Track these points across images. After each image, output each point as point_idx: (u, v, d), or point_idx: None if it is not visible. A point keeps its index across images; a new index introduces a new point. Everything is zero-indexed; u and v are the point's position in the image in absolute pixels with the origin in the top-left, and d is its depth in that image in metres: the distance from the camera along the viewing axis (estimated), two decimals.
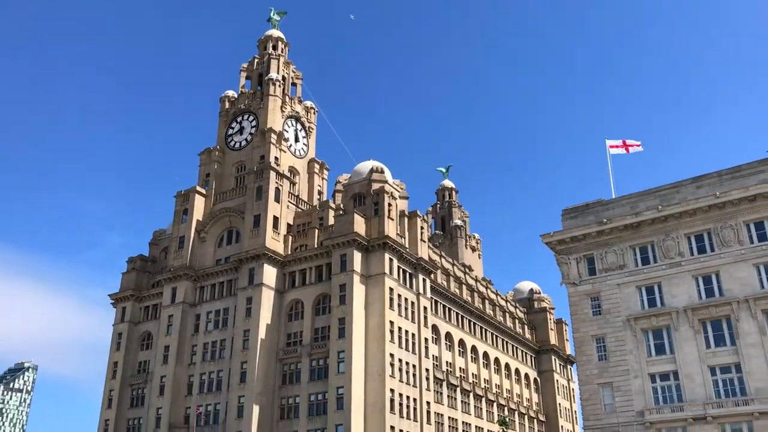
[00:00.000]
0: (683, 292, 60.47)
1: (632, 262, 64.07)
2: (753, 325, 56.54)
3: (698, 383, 57.47)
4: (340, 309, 79.22)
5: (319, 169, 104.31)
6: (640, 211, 64.39)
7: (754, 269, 58.37)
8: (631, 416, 58.99)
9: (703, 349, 58.34)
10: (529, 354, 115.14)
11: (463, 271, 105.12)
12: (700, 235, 61.72)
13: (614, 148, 67.36)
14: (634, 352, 60.93)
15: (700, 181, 63.53)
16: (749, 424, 54.47)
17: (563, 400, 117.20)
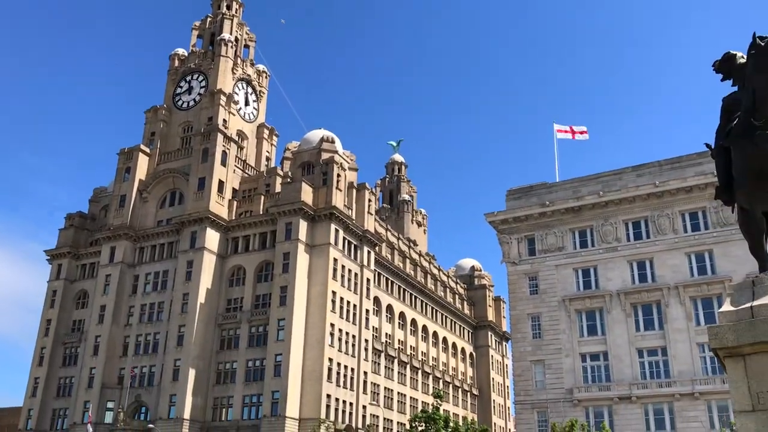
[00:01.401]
0: (617, 276, 62.41)
1: (571, 244, 65.67)
2: (681, 311, 58.86)
3: (626, 364, 59.67)
4: (283, 277, 78.96)
5: (269, 135, 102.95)
6: (582, 195, 65.90)
7: (686, 257, 60.60)
8: (560, 393, 60.93)
9: (632, 332, 60.51)
10: (467, 329, 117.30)
11: (408, 246, 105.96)
12: (637, 222, 63.63)
13: (561, 132, 68.52)
14: (567, 331, 62.75)
15: (641, 169, 65.32)
16: (670, 405, 56.95)
17: (497, 375, 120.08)
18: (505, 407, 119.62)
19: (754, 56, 9.75)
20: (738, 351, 8.91)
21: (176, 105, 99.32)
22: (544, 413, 59.92)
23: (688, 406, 55.92)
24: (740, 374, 8.89)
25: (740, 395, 8.84)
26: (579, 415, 57.33)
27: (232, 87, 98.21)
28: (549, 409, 59.88)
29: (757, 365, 8.74)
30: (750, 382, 8.76)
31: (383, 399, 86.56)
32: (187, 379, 77.04)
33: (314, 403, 73.90)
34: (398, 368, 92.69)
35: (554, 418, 55.84)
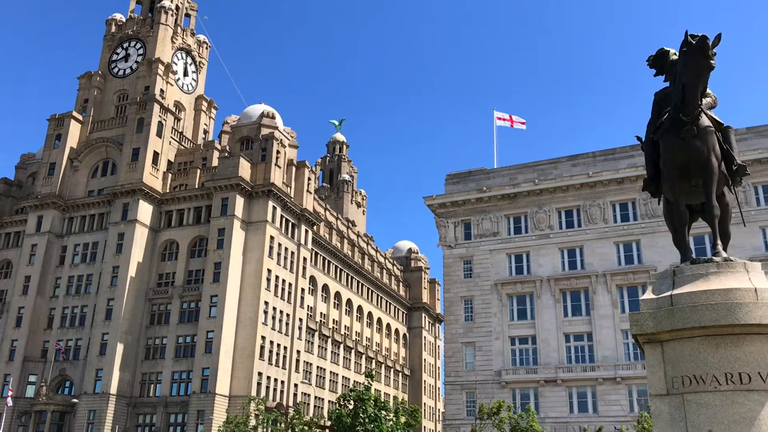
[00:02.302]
0: (549, 263, 64.02)
1: (506, 230, 66.95)
2: (607, 298, 60.88)
3: (553, 348, 61.45)
4: (217, 253, 77.80)
5: (207, 108, 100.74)
6: (518, 183, 67.16)
7: (614, 247, 62.62)
8: (489, 375, 62.34)
9: (561, 317, 62.31)
10: (402, 310, 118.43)
11: (346, 226, 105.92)
12: (570, 211, 65.30)
13: (501, 120, 69.47)
14: (498, 315, 64.11)
15: (576, 159, 66.97)
16: (593, 389, 59.02)
17: (429, 356, 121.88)
18: (435, 388, 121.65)
19: (685, 54, 10.06)
20: (656, 337, 9.27)
21: (112, 72, 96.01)
22: (472, 394, 61.22)
23: (610, 389, 58.08)
24: (657, 360, 9.26)
25: (656, 380, 9.20)
26: (506, 397, 58.81)
27: (171, 56, 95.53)
28: (477, 390, 61.20)
29: (673, 351, 9.11)
30: (666, 367, 9.13)
31: (315, 378, 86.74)
32: (115, 354, 75.36)
33: (245, 380, 73.45)
34: (332, 347, 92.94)
35: (482, 399, 57.08)
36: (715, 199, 10.37)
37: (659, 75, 11.49)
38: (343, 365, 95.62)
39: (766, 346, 8.70)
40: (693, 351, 8.91)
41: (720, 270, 9.48)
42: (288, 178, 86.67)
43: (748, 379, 8.56)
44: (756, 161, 58.05)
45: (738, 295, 8.93)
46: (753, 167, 57.83)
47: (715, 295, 9.00)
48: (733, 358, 8.69)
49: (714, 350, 8.79)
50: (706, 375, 8.71)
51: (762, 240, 57.79)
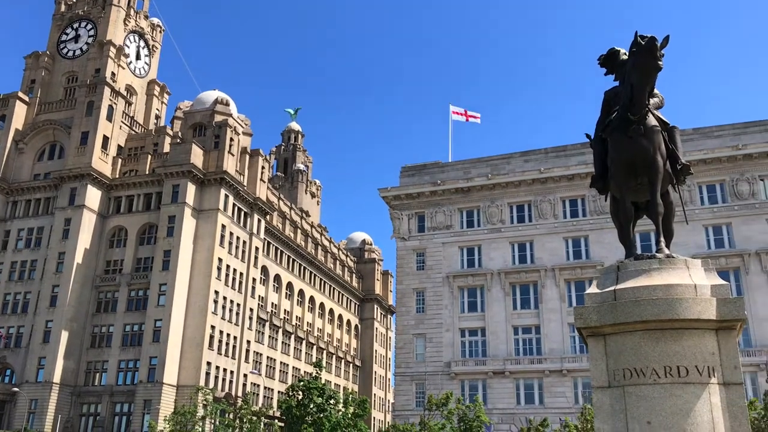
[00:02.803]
0: (500, 257, 64.90)
1: (458, 223, 67.58)
2: (555, 292, 62.05)
3: (502, 341, 62.39)
4: (167, 241, 76.51)
5: (160, 92, 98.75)
6: (471, 177, 67.82)
7: (563, 242, 63.83)
8: (439, 366, 62.96)
9: (510, 310, 63.27)
10: (354, 302, 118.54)
11: (300, 216, 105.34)
12: (521, 206, 66.27)
13: (456, 114, 69.96)
14: (449, 307, 64.76)
15: (529, 155, 67.95)
16: (540, 381, 60.16)
17: (380, 347, 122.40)
18: (385, 379, 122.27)
19: (634, 54, 10.26)
20: (600, 331, 9.48)
21: (61, 53, 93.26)
22: (422, 385, 61.76)
23: (556, 382, 59.29)
24: (600, 352, 9.47)
25: (599, 372, 9.42)
26: (455, 388, 59.49)
27: (123, 39, 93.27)
28: (427, 381, 61.75)
29: (615, 344, 9.33)
30: (608, 360, 9.35)
31: (265, 368, 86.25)
32: (59, 342, 73.56)
33: (193, 370, 72.57)
34: (282, 338, 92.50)
35: (432, 391, 57.60)
36: (660, 198, 10.61)
37: (609, 74, 11.68)
38: (294, 356, 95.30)
39: (703, 341, 8.98)
40: (634, 344, 9.13)
41: (662, 266, 9.73)
42: (241, 167, 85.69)
43: (686, 373, 8.82)
44: (701, 161, 59.77)
45: (678, 290, 9.18)
46: (698, 167, 59.59)
47: (656, 290, 9.23)
48: (672, 351, 8.95)
49: (654, 344, 9.03)
50: (646, 368, 8.95)
51: (705, 238, 59.60)
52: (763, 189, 59.75)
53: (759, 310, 56.28)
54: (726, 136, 61.62)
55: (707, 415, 8.63)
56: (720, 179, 60.61)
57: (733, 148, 60.10)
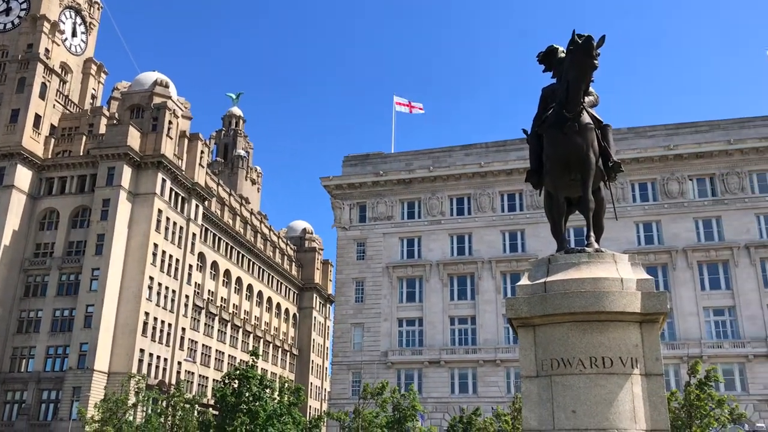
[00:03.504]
0: (438, 248, 65.69)
1: (399, 214, 68.06)
2: (491, 284, 63.22)
3: (438, 331, 63.25)
4: (101, 224, 74.34)
5: (96, 71, 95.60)
6: (413, 168, 68.34)
7: (501, 235, 65.05)
8: (376, 356, 63.42)
9: (447, 300, 64.19)
10: (293, 290, 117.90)
11: (239, 203, 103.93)
12: (461, 198, 67.19)
13: (400, 105, 70.23)
14: (388, 297, 65.24)
15: (470, 149, 68.88)
16: (474, 370, 61.31)
17: (318, 337, 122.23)
18: (323, 368, 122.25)
19: (571, 52, 10.49)
20: (530, 322, 9.74)
21: None
22: (358, 374, 62.08)
23: (490, 371, 60.52)
24: (529, 343, 9.74)
25: (527, 362, 9.68)
26: (392, 377, 60.04)
27: (59, 14, 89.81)
28: (364, 370, 62.12)
29: (544, 335, 9.60)
30: (537, 350, 9.62)
31: (200, 356, 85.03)
32: None
33: (126, 357, 70.94)
34: (218, 326, 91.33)
35: (368, 380, 57.96)
36: (591, 194, 10.91)
37: (548, 71, 11.91)
38: (230, 344, 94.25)
39: (627, 333, 9.32)
40: (562, 335, 9.41)
41: (591, 260, 10.04)
42: (180, 151, 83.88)
43: (610, 363, 9.15)
44: (634, 160, 61.73)
45: (606, 284, 9.49)
46: (632, 165, 61.52)
47: (585, 283, 9.52)
48: (598, 343, 9.26)
49: (581, 335, 9.32)
50: (573, 358, 9.23)
51: (636, 234, 61.66)
52: (692, 188, 62.15)
53: (684, 305, 58.65)
54: (659, 136, 63.80)
55: (629, 404, 8.98)
56: (652, 178, 62.73)
57: (664, 148, 62.30)
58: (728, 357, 56.50)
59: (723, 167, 61.14)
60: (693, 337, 57.45)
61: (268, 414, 37.15)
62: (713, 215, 60.74)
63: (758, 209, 59.92)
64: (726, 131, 62.36)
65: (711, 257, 59.66)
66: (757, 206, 59.98)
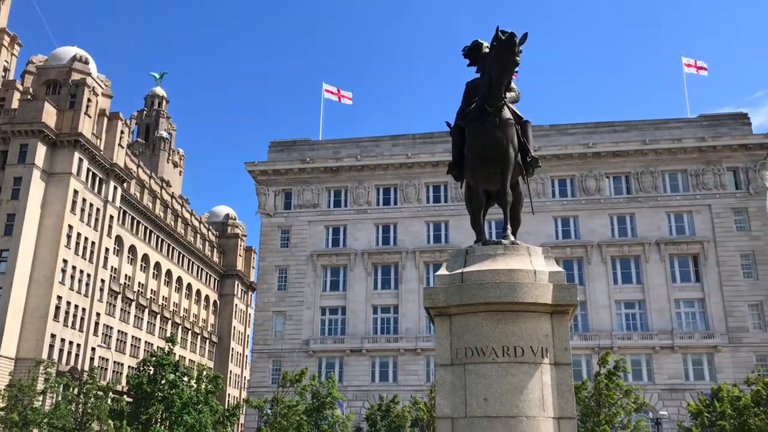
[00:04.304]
0: (364, 237, 65.91)
1: (325, 202, 67.87)
2: (415, 274, 63.97)
3: (361, 319, 63.57)
4: (11, 204, 70.87)
5: (10, 43, 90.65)
6: (341, 157, 68.22)
7: (425, 225, 65.84)
8: (297, 344, 63.20)
9: (371, 289, 64.55)
10: (214, 277, 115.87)
11: (160, 186, 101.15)
12: (387, 189, 67.59)
13: (329, 93, 69.87)
14: (311, 285, 65.05)
15: (397, 140, 69.31)
16: (395, 359, 61.98)
17: (239, 324, 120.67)
18: (243, 356, 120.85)
19: (494, 48, 10.65)
20: (446, 311, 9.90)
21: None
22: (279, 362, 61.70)
23: (411, 360, 61.33)
24: (445, 331, 9.90)
25: (443, 350, 9.85)
26: (313, 365, 59.96)
27: None
28: (284, 358, 61.80)
29: (460, 324, 9.78)
30: (452, 339, 9.79)
31: (116, 342, 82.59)
32: None
33: (35, 342, 68.06)
34: (135, 311, 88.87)
35: (288, 368, 57.71)
36: (510, 187, 11.14)
37: (472, 66, 12.07)
38: (147, 330, 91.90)
39: (539, 323, 9.61)
40: (477, 325, 9.61)
41: (507, 252, 10.28)
42: (98, 130, 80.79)
43: (522, 353, 9.41)
44: (555, 156, 63.60)
45: (520, 275, 9.74)
46: (552, 162, 63.37)
47: (500, 274, 9.75)
48: (511, 332, 9.50)
49: (495, 325, 9.55)
50: (486, 347, 9.45)
51: (554, 228, 63.59)
52: (608, 186, 64.56)
53: (597, 297, 61.00)
54: (579, 134, 65.91)
55: (538, 393, 9.27)
56: (571, 174, 64.78)
57: (584, 146, 64.43)
58: (637, 348, 59.14)
59: (638, 166, 63.72)
60: (605, 329, 59.82)
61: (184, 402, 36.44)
62: (627, 212, 63.29)
63: (669, 207, 62.80)
64: (642, 132, 64.99)
65: (624, 252, 62.19)
66: (668, 205, 62.85)
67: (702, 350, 58.72)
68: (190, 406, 36.75)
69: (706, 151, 63.05)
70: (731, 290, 59.45)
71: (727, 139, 63.06)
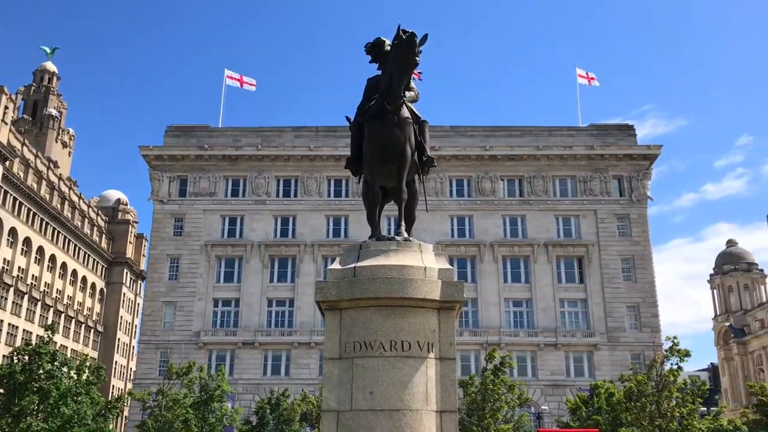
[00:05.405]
0: (262, 229, 65.02)
1: (223, 191, 66.43)
2: (312, 267, 63.74)
3: (255, 312, 62.70)
4: None
5: None
6: (241, 145, 66.94)
7: (325, 219, 65.73)
8: (187, 335, 61.57)
9: (266, 282, 63.79)
10: (102, 264, 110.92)
11: (46, 166, 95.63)
12: (288, 180, 66.95)
13: (231, 79, 68.36)
14: (204, 276, 63.53)
15: (300, 131, 68.75)
16: (288, 352, 61.57)
17: (126, 314, 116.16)
18: (130, 346, 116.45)
19: (395, 47, 10.79)
20: (337, 305, 9.95)
21: None
22: (167, 354, 59.90)
23: (304, 354, 61.11)
24: (335, 325, 9.95)
25: (332, 344, 9.89)
26: (203, 358, 58.62)
27: None
28: (173, 350, 60.06)
29: (350, 319, 9.85)
30: (342, 333, 9.85)
31: None
32: None
33: None
34: (14, 297, 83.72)
35: (177, 360, 56.15)
36: (405, 185, 11.34)
37: (374, 62, 12.14)
38: (27, 318, 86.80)
39: (427, 319, 9.82)
40: (367, 319, 9.72)
41: (399, 248, 10.45)
42: None
43: (408, 347, 9.59)
44: (454, 157, 65.09)
45: (411, 271, 9.93)
46: (451, 162, 64.82)
47: (391, 270, 9.89)
48: (399, 327, 9.67)
49: (384, 319, 9.68)
50: (375, 341, 9.57)
51: (450, 227, 65.08)
52: (502, 188, 66.74)
53: (488, 295, 62.98)
54: (477, 137, 67.72)
55: (423, 387, 9.48)
56: (468, 175, 66.49)
57: (481, 149, 66.29)
58: (523, 345, 61.54)
59: (531, 170, 66.23)
60: (494, 326, 61.85)
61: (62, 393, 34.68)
62: (519, 214, 65.65)
63: (557, 211, 65.65)
64: (536, 137, 67.57)
65: (514, 252, 64.49)
66: (556, 208, 65.69)
67: (583, 348, 61.81)
68: (68, 397, 35.02)
69: (595, 159, 66.34)
70: (611, 292, 62.90)
71: (614, 148, 66.58)
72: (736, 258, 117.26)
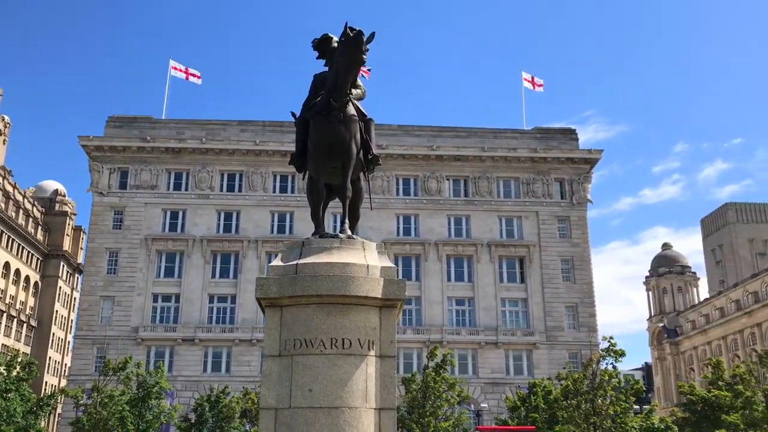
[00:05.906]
0: (204, 223, 64.02)
1: (165, 185, 65.13)
2: (256, 263, 63.07)
3: (196, 308, 61.72)
4: None
5: None
6: (184, 138, 65.75)
7: (270, 215, 65.16)
8: (125, 331, 60.17)
9: (208, 278, 62.84)
10: (37, 257, 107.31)
11: None
12: (232, 175, 66.09)
13: (177, 71, 67.01)
14: (144, 270, 62.20)
15: (246, 125, 67.94)
16: (229, 349, 60.83)
17: (62, 308, 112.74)
18: (65, 341, 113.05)
19: (342, 44, 10.77)
20: (278, 302, 9.87)
21: None
22: (104, 350, 58.41)
23: (245, 351, 60.46)
24: (275, 322, 9.87)
25: (272, 341, 9.80)
26: (141, 354, 57.37)
27: None
28: (110, 345, 58.62)
29: (291, 316, 9.78)
30: (282, 330, 9.78)
31: None
32: None
33: None
34: None
35: (114, 355, 54.81)
36: (350, 183, 11.33)
37: (321, 58, 12.08)
38: None
39: (368, 316, 9.83)
40: (308, 316, 9.67)
41: (342, 246, 10.42)
42: None
43: (349, 344, 9.58)
44: (401, 156, 65.37)
45: (353, 269, 9.92)
46: (398, 161, 65.09)
47: (334, 267, 9.87)
48: (340, 325, 9.65)
49: (325, 317, 9.65)
50: (315, 339, 9.53)
51: (396, 225, 65.34)
52: (448, 188, 67.38)
53: (432, 293, 63.52)
54: (424, 136, 68.17)
55: (362, 384, 9.48)
56: (415, 174, 66.89)
57: (428, 148, 66.77)
58: (464, 343, 62.29)
59: (476, 171, 67.06)
60: (437, 324, 62.40)
61: None
62: (464, 214, 66.41)
63: (500, 212, 66.66)
64: (482, 139, 68.44)
65: (458, 252, 65.20)
66: (500, 209, 66.68)
67: (522, 347, 62.95)
68: None
69: (538, 162, 67.60)
70: (551, 292, 64.25)
71: (556, 152, 67.97)
72: (670, 261, 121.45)
